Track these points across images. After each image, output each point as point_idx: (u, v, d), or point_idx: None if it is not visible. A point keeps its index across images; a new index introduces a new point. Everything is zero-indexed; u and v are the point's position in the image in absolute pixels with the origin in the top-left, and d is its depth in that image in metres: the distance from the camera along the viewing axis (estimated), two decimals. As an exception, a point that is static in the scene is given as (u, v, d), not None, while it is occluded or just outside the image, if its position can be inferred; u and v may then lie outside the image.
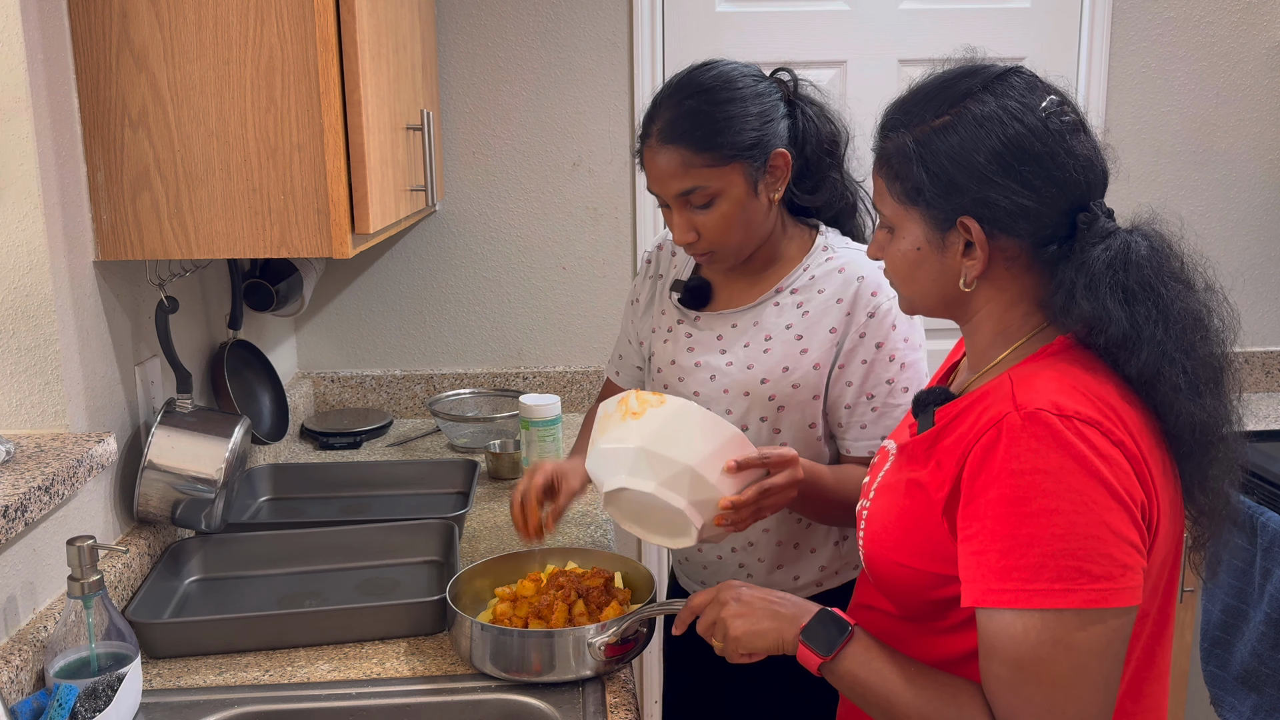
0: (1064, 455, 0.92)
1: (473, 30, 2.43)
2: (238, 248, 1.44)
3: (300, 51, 1.39)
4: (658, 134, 1.41)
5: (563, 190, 2.52)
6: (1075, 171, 1.00)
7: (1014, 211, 0.99)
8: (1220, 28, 2.51)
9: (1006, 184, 0.99)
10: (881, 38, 2.48)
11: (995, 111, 1.00)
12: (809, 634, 1.09)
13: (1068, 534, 0.91)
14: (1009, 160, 0.99)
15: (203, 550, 1.62)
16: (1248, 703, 2.06)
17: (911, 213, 1.05)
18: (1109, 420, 0.94)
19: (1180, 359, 0.98)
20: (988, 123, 1.00)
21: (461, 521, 1.75)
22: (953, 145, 1.00)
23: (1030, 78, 1.05)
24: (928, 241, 1.05)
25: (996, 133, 0.99)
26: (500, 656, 1.28)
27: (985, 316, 1.08)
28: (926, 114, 1.03)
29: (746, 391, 1.48)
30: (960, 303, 1.08)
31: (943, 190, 1.01)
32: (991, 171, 0.99)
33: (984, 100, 1.01)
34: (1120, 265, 0.98)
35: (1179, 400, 0.98)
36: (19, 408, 1.37)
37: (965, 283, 1.04)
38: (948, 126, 1.01)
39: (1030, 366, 1.01)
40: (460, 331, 2.58)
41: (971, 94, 1.01)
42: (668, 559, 2.70)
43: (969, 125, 1.00)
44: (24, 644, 1.24)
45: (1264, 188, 2.59)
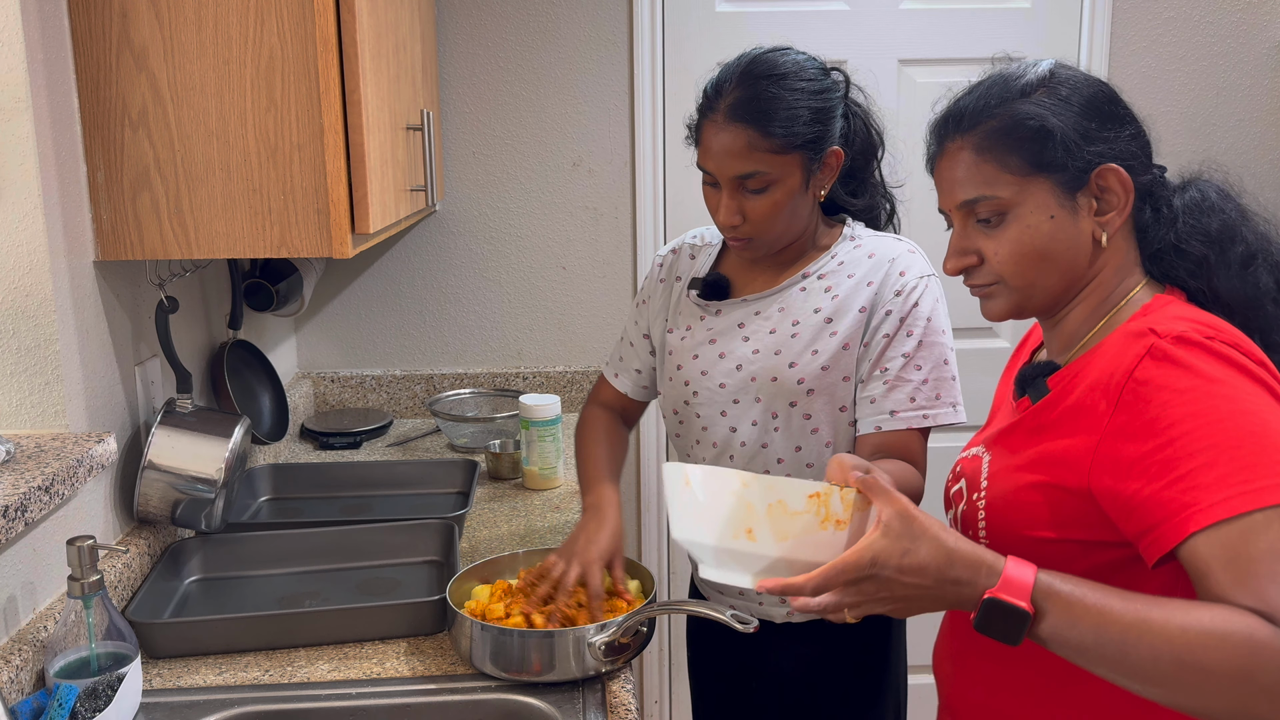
0: (1228, 366, 0.94)
1: (473, 30, 2.43)
2: (238, 248, 1.44)
3: (300, 51, 1.39)
4: (725, 110, 1.38)
5: (563, 190, 2.51)
6: (1144, 126, 1.10)
7: (1136, 156, 1.06)
8: (1220, 28, 2.51)
9: (1123, 131, 1.07)
10: (881, 38, 2.48)
11: (1079, 77, 1.08)
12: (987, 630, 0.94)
13: (1262, 430, 0.90)
14: (1115, 112, 1.07)
15: (203, 550, 1.62)
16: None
17: (1038, 182, 1.05)
18: (1245, 342, 0.98)
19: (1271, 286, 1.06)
20: (1082, 86, 1.07)
21: (461, 521, 1.75)
22: (1074, 103, 1.06)
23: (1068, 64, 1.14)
24: (1061, 206, 1.06)
25: (1096, 90, 1.08)
26: (500, 656, 1.28)
27: (1094, 288, 1.09)
28: (1016, 92, 1.08)
29: (774, 377, 1.46)
30: (1080, 275, 1.09)
31: (1084, 143, 1.04)
32: (1112, 121, 1.06)
33: (1059, 74, 1.08)
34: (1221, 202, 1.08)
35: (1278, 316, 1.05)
36: (19, 407, 1.37)
37: (1108, 237, 1.06)
38: (1056, 92, 1.06)
39: (1142, 317, 1.03)
40: (460, 331, 2.58)
41: (1046, 73, 1.08)
42: (668, 559, 2.70)
43: (1075, 88, 1.07)
44: (24, 644, 1.24)
45: (1264, 188, 2.59)
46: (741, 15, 2.46)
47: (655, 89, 2.46)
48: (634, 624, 1.29)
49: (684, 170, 2.48)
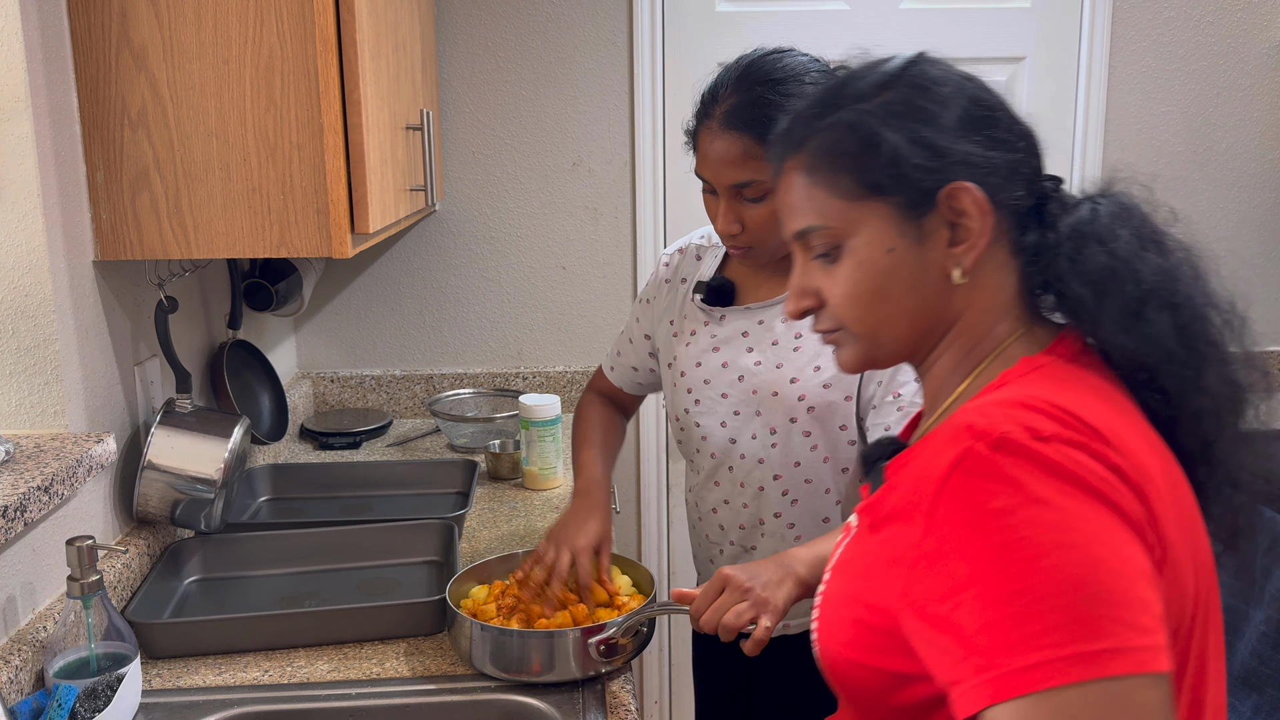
0: (1059, 481, 0.72)
1: (472, 30, 2.43)
2: (237, 247, 1.44)
3: (300, 51, 1.39)
4: (720, 117, 1.36)
5: (562, 190, 2.51)
6: (1029, 129, 0.90)
7: (1001, 171, 0.86)
8: (1221, 27, 2.50)
9: (986, 139, 0.86)
10: (882, 38, 2.44)
11: (941, 74, 0.89)
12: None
13: (1092, 574, 0.69)
14: (980, 114, 0.87)
15: (202, 550, 1.62)
16: (1248, 703, 2.06)
17: (875, 207, 0.87)
18: (1095, 441, 0.75)
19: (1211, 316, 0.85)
20: (939, 84, 0.87)
21: (461, 522, 1.75)
22: (920, 107, 0.86)
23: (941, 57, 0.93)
24: (902, 236, 0.86)
25: (958, 89, 0.88)
26: (500, 657, 1.28)
27: (959, 332, 0.90)
28: (863, 96, 0.89)
29: (775, 392, 1.45)
30: (937, 319, 0.89)
31: (924, 157, 0.85)
32: (970, 127, 0.86)
33: (920, 69, 0.89)
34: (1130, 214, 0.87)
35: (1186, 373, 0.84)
36: (18, 408, 1.36)
37: (963, 272, 0.86)
38: (897, 96, 0.87)
39: (985, 396, 0.83)
40: (460, 331, 2.58)
41: (903, 68, 0.89)
42: (668, 559, 2.70)
43: (925, 88, 0.87)
44: (23, 644, 1.23)
45: (1265, 187, 2.59)
46: (741, 15, 2.46)
47: (655, 89, 2.46)
48: (635, 624, 1.29)
49: (684, 170, 2.47)
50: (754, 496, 1.50)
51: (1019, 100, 1.03)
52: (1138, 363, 0.84)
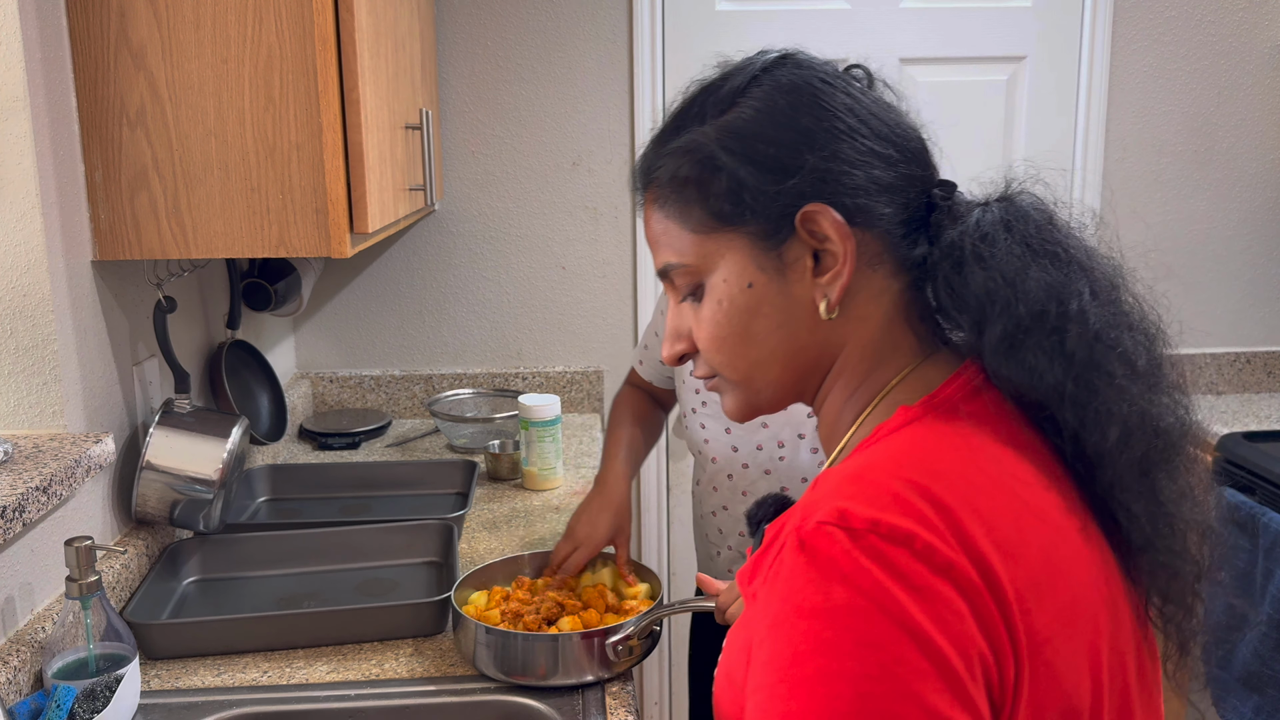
0: (850, 590, 0.62)
1: (472, 29, 2.42)
2: (236, 247, 1.44)
3: (299, 50, 1.38)
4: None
5: (562, 190, 2.51)
6: (911, 134, 0.78)
7: (866, 186, 0.75)
8: (1222, 27, 2.50)
9: (847, 150, 0.75)
10: (882, 37, 2.48)
11: (799, 78, 0.78)
12: None
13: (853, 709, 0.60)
14: (840, 123, 0.75)
15: (201, 551, 1.61)
16: (1249, 704, 2.06)
17: (728, 239, 0.77)
18: (935, 530, 0.64)
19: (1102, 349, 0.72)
20: (794, 90, 0.77)
21: (461, 522, 1.74)
22: (765, 119, 0.76)
23: (809, 57, 0.81)
24: (761, 270, 0.77)
25: (816, 96, 0.76)
26: (505, 660, 1.27)
27: (840, 369, 0.80)
28: (707, 115, 0.79)
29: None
30: (814, 357, 0.79)
31: (769, 178, 0.75)
32: (826, 137, 0.75)
33: (776, 74, 0.78)
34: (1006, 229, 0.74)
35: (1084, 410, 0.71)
36: (17, 408, 1.36)
37: (829, 306, 0.76)
38: (749, 106, 0.77)
39: (860, 451, 0.74)
40: (459, 331, 2.57)
41: (758, 75, 0.79)
42: (668, 560, 2.69)
43: (776, 96, 0.77)
44: (22, 645, 1.23)
45: (1266, 186, 2.59)
46: (742, 14, 2.46)
47: (655, 88, 2.46)
48: (648, 625, 1.28)
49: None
50: None
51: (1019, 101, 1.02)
52: (1028, 398, 0.73)
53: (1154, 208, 2.57)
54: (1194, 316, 2.64)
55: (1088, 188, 2.56)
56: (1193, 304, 2.63)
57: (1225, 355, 2.65)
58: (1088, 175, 2.54)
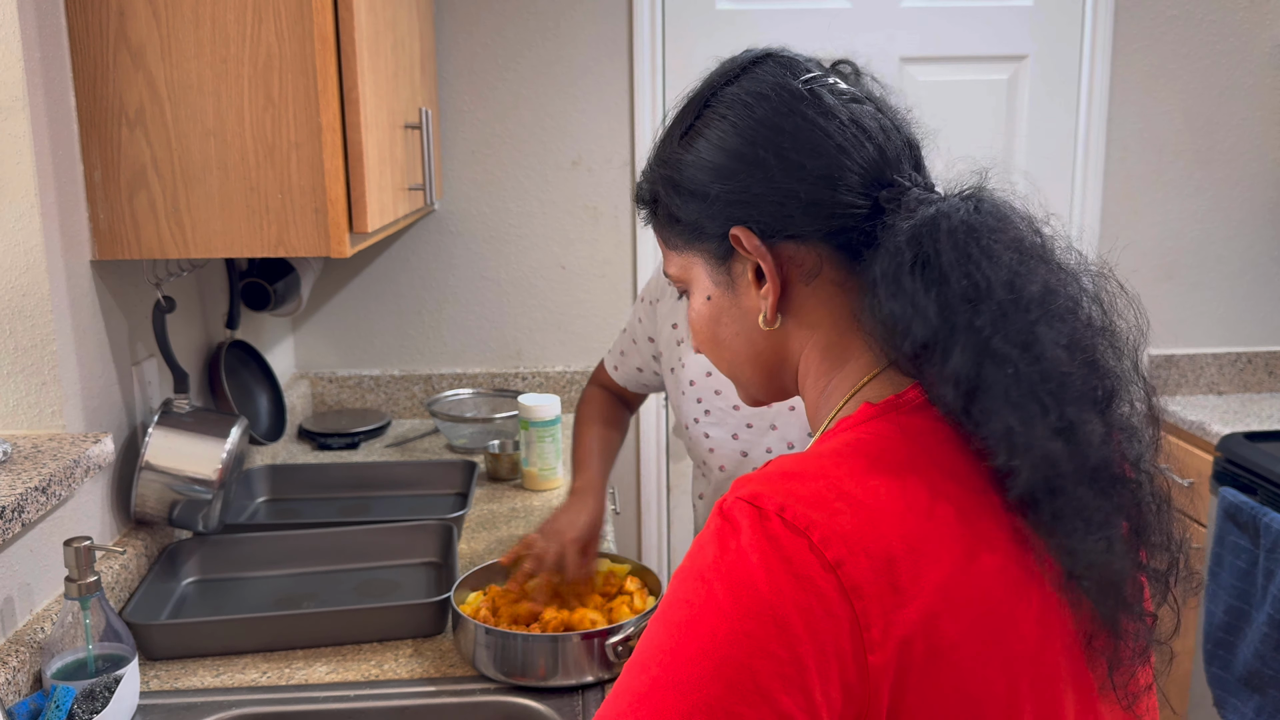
0: (739, 563, 0.66)
1: (472, 28, 2.42)
2: (235, 247, 1.44)
3: (298, 49, 1.38)
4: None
5: (562, 189, 2.51)
6: (859, 141, 0.78)
7: (782, 200, 0.77)
8: (1223, 26, 2.50)
9: (764, 171, 0.78)
10: (883, 36, 2.48)
11: (738, 96, 0.81)
12: None
13: (700, 666, 0.64)
14: (763, 141, 0.78)
15: (200, 551, 1.61)
16: (1251, 704, 2.05)
17: (692, 258, 0.85)
18: (837, 528, 0.66)
19: (1016, 357, 0.70)
20: (732, 110, 0.80)
21: (460, 523, 1.74)
22: (700, 149, 0.81)
23: (787, 58, 0.84)
24: (715, 284, 0.84)
25: (743, 116, 0.80)
26: (505, 661, 1.27)
27: (804, 374, 0.83)
28: (674, 136, 0.85)
29: (791, 406, 1.42)
30: (779, 362, 0.84)
31: (699, 204, 0.81)
32: (746, 160, 0.79)
33: (726, 92, 0.82)
34: (930, 237, 0.73)
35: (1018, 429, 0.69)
36: (16, 408, 1.36)
37: (766, 319, 0.81)
38: (693, 134, 0.82)
39: (812, 446, 0.77)
40: (459, 331, 2.57)
41: (714, 92, 0.83)
42: (668, 560, 2.69)
43: (713, 122, 0.81)
44: (21, 645, 1.23)
45: (1267, 186, 2.59)
46: (742, 13, 2.45)
47: (655, 87, 2.45)
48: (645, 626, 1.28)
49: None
50: None
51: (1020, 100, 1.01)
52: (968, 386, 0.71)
53: (1154, 208, 2.57)
54: (1194, 316, 2.64)
55: (1088, 188, 2.56)
56: (1193, 304, 2.63)
57: (1226, 355, 2.65)
58: (1088, 175, 2.54)
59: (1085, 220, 2.57)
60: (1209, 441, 2.36)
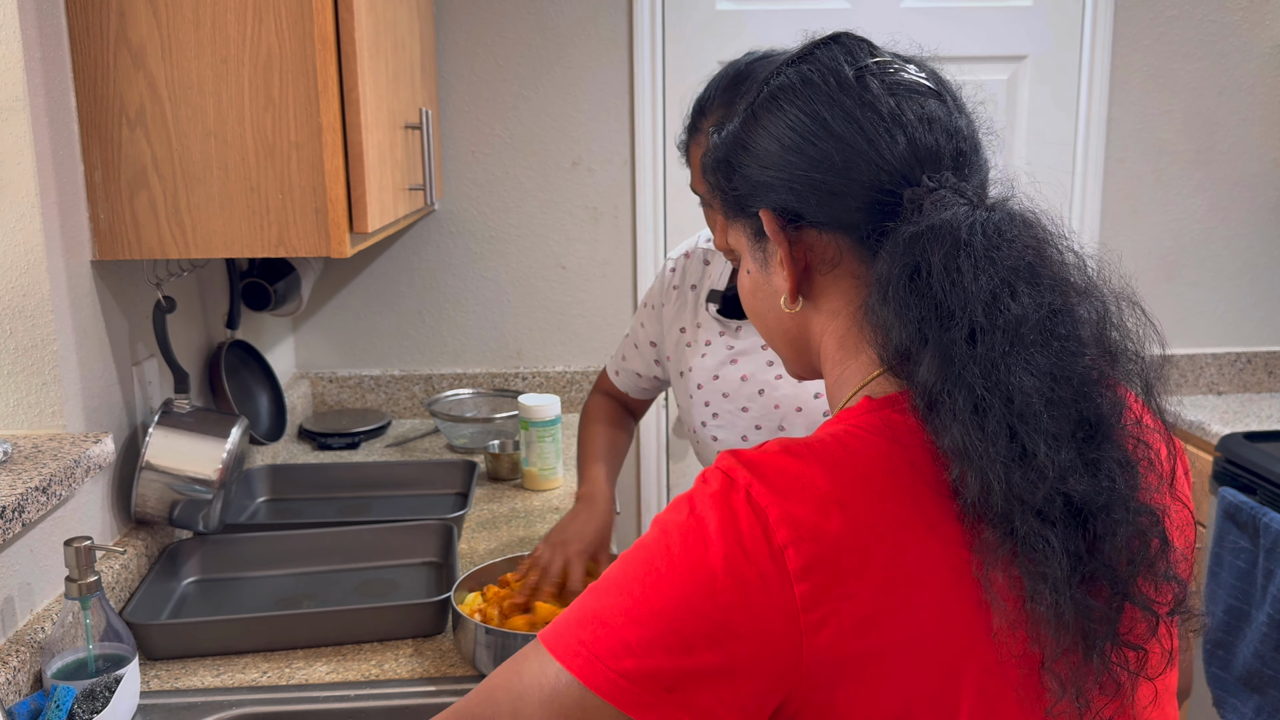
0: (697, 522, 0.70)
1: (472, 28, 2.42)
2: (235, 247, 1.44)
3: (298, 50, 1.38)
4: (709, 132, 1.28)
5: (562, 190, 2.51)
6: (893, 137, 0.77)
7: (804, 187, 0.79)
8: (1222, 26, 2.50)
9: (798, 159, 0.79)
10: (883, 36, 2.46)
11: (791, 79, 0.83)
12: None
13: (645, 605, 0.69)
14: (798, 128, 0.80)
15: (200, 551, 1.61)
16: (1250, 704, 2.05)
17: (738, 231, 0.87)
18: (795, 514, 0.68)
19: (976, 377, 0.69)
20: (782, 93, 0.82)
21: (460, 522, 1.74)
22: (750, 130, 0.83)
23: (853, 42, 0.87)
24: (754, 260, 0.86)
25: (789, 100, 0.81)
26: (503, 659, 1.27)
27: (825, 358, 0.85)
28: (738, 112, 0.87)
29: (799, 407, 1.41)
30: (802, 338, 0.86)
31: (738, 183, 0.84)
32: (780, 145, 0.80)
33: (785, 74, 0.84)
34: (924, 245, 0.73)
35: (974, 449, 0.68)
36: (16, 408, 1.36)
37: (785, 302, 0.83)
38: (750, 112, 0.84)
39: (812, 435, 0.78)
40: (459, 331, 2.57)
41: (778, 72, 0.85)
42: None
43: (767, 104, 0.83)
44: (21, 645, 1.23)
45: (1267, 186, 2.59)
46: (742, 13, 2.45)
47: (655, 87, 2.45)
48: None
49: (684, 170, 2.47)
50: None
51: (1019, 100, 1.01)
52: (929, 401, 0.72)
53: (1154, 208, 2.57)
54: (1194, 316, 2.64)
55: (1088, 188, 2.56)
56: (1192, 304, 2.63)
57: (1225, 355, 2.65)
58: (1088, 175, 2.54)
59: (1085, 220, 2.57)
60: (1209, 441, 2.36)
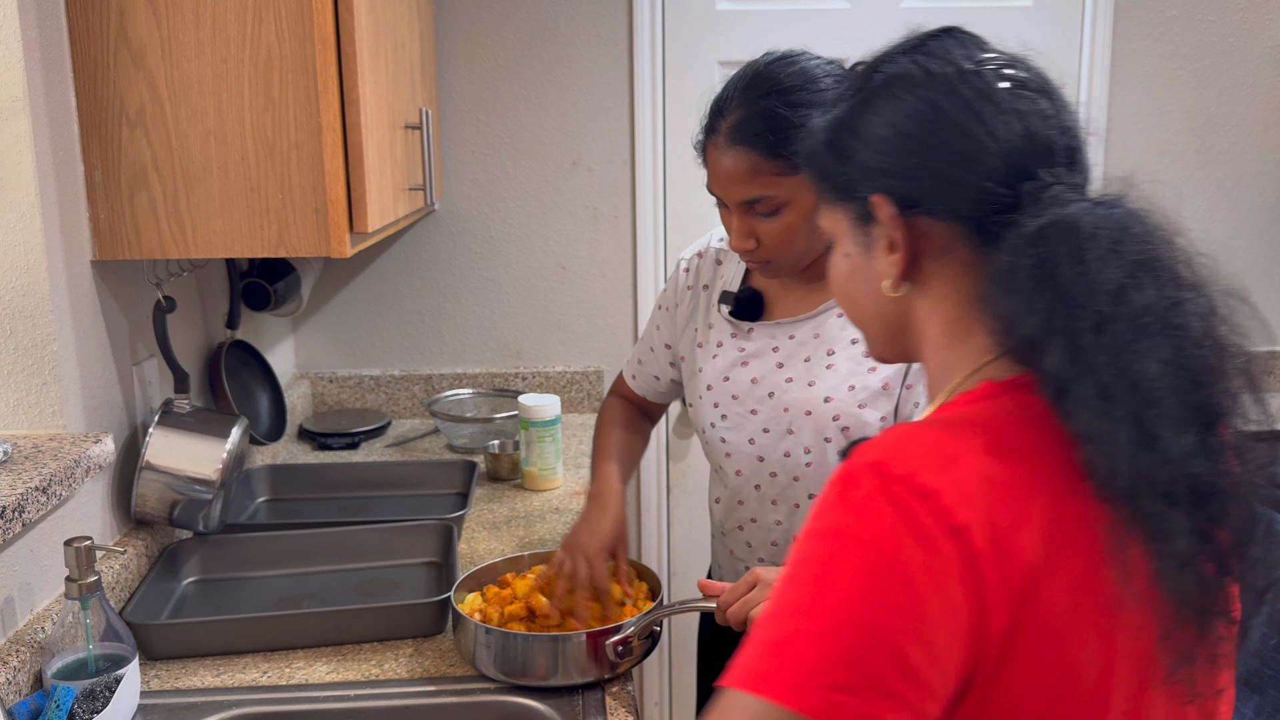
0: (866, 524, 0.70)
1: (472, 29, 2.42)
2: (236, 247, 1.44)
3: (298, 50, 1.38)
4: (726, 132, 1.31)
5: (562, 190, 2.51)
6: (1011, 129, 0.80)
7: (923, 176, 0.81)
8: (1223, 26, 2.50)
9: (917, 146, 0.82)
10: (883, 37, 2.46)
11: (908, 69, 0.86)
12: None
13: (832, 616, 0.68)
14: (918, 116, 0.82)
15: (200, 551, 1.61)
16: (1250, 704, 2.06)
17: (837, 212, 0.89)
18: (958, 496, 0.70)
19: (1104, 365, 0.71)
20: (899, 82, 0.85)
21: (460, 522, 1.74)
22: (861, 115, 0.86)
23: (967, 37, 0.89)
24: (854, 244, 0.87)
25: (907, 89, 0.84)
26: (505, 660, 1.27)
27: (927, 341, 0.86)
28: (827, 103, 0.92)
29: (808, 411, 1.40)
30: (902, 325, 0.88)
31: (850, 168, 0.85)
32: (898, 132, 0.83)
33: (899, 62, 0.87)
34: (1051, 239, 0.75)
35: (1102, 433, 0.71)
36: (16, 408, 1.36)
37: (891, 285, 0.84)
38: (860, 97, 0.87)
39: (932, 415, 0.81)
40: (459, 331, 2.57)
41: (889, 59, 0.88)
42: (668, 560, 2.69)
43: (880, 91, 0.86)
44: (21, 645, 1.23)
45: (1266, 187, 2.59)
46: (742, 14, 2.45)
47: (655, 88, 2.45)
48: (650, 623, 1.29)
49: (684, 170, 2.48)
50: (788, 514, 1.46)
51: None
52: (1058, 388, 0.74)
53: (1154, 208, 2.57)
54: (1194, 316, 2.64)
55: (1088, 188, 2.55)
56: (1193, 304, 2.62)
57: (1225, 355, 2.65)
58: (1088, 175, 2.54)
59: (1085, 220, 2.56)
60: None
